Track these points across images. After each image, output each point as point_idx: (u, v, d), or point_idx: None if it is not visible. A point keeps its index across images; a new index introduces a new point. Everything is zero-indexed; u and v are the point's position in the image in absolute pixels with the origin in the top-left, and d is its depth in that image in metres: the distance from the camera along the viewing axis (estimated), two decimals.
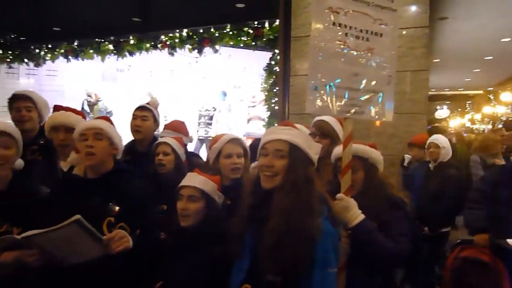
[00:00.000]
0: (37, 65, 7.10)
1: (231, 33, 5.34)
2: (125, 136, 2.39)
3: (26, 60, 7.04)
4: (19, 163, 2.05)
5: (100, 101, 8.59)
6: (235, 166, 2.16)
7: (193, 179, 1.90)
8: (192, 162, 2.79)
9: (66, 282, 1.73)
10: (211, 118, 8.20)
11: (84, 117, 2.54)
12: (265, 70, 5.27)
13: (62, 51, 6.68)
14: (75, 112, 2.49)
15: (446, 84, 14.61)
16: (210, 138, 6.92)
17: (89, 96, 8.55)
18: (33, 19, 6.93)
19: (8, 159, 1.93)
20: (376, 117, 1.98)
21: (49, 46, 6.78)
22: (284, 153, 1.56)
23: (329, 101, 1.84)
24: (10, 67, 7.50)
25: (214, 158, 2.25)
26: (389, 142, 4.20)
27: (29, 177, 2.15)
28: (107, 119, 2.06)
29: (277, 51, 5.02)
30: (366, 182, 1.95)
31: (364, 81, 1.92)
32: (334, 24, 1.84)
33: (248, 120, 7.85)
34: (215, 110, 8.23)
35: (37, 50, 6.87)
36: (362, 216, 1.80)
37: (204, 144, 7.88)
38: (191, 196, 1.85)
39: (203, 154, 7.07)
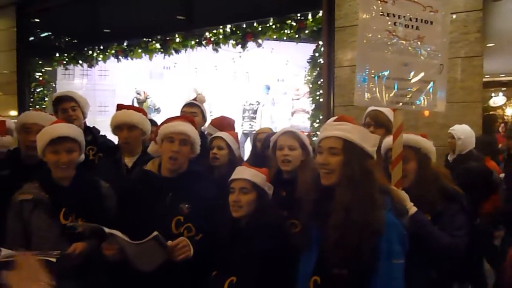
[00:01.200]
0: (90, 66, 7.40)
1: (274, 26, 5.32)
2: None
3: (80, 62, 7.39)
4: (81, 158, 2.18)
5: (148, 98, 8.89)
6: (284, 158, 2.17)
7: (243, 172, 1.95)
8: None
9: (128, 278, 1.85)
10: (255, 112, 8.25)
11: (146, 114, 2.67)
12: (308, 62, 5.20)
13: (113, 51, 6.94)
14: (136, 110, 2.62)
15: (502, 69, 13.63)
16: (254, 132, 6.97)
17: (138, 94, 8.87)
18: (85, 22, 7.30)
19: (72, 162, 2.07)
20: (428, 107, 1.93)
21: (101, 47, 7.08)
22: (337, 150, 1.57)
23: (378, 92, 1.82)
24: (66, 69, 7.92)
25: (271, 150, 2.30)
26: (440, 132, 4.03)
27: (88, 173, 2.30)
28: (192, 121, 2.14)
29: (321, 42, 4.95)
30: (419, 173, 1.92)
31: (414, 71, 1.88)
32: (382, 13, 1.81)
33: (292, 113, 7.81)
34: (259, 104, 8.27)
35: (90, 52, 7.19)
36: (414, 209, 1.78)
37: (249, 138, 7.96)
38: (242, 188, 1.90)
39: (248, 148, 7.15)
